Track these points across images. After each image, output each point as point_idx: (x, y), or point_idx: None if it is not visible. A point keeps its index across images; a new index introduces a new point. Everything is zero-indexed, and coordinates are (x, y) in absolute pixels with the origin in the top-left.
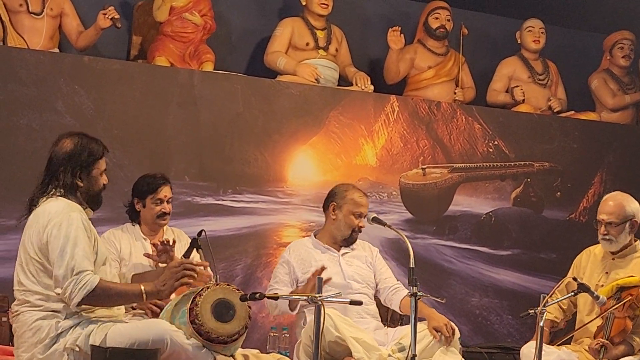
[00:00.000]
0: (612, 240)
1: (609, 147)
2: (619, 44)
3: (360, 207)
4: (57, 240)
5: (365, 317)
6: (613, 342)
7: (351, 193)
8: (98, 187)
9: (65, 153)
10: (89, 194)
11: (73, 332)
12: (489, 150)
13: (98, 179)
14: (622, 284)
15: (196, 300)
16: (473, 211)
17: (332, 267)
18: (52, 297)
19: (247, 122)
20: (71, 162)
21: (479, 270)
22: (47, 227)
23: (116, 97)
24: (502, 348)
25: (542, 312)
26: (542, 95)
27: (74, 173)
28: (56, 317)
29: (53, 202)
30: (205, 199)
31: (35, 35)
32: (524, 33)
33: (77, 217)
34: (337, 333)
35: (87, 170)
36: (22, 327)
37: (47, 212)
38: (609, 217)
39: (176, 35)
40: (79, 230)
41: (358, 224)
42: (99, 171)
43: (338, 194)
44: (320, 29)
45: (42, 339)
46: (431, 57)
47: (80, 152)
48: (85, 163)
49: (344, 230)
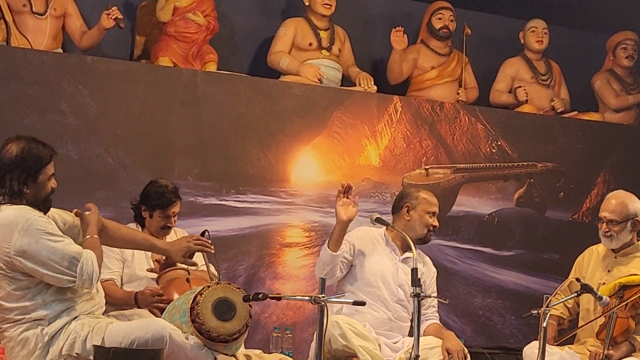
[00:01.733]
0: (612, 237)
1: (612, 148)
2: (622, 44)
3: (433, 206)
4: (35, 245)
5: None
6: (616, 342)
7: (423, 193)
8: (45, 193)
9: (11, 159)
10: (35, 200)
11: (64, 338)
12: (492, 151)
13: (46, 185)
14: (624, 282)
15: (197, 299)
16: (476, 211)
17: (388, 265)
18: (29, 307)
19: (250, 122)
20: (17, 169)
21: (482, 270)
22: (13, 239)
23: (119, 97)
24: (504, 349)
25: (545, 312)
26: (545, 96)
27: (20, 180)
28: (40, 324)
29: (3, 213)
30: (208, 199)
31: (38, 36)
32: (527, 33)
33: (36, 215)
34: (344, 342)
35: (33, 177)
36: (9, 342)
37: (2, 225)
38: (611, 215)
39: (179, 35)
40: (46, 224)
41: (432, 223)
42: (46, 176)
43: (410, 194)
44: (323, 29)
45: (32, 350)
46: (434, 57)
47: (26, 158)
48: (32, 169)
49: (420, 230)
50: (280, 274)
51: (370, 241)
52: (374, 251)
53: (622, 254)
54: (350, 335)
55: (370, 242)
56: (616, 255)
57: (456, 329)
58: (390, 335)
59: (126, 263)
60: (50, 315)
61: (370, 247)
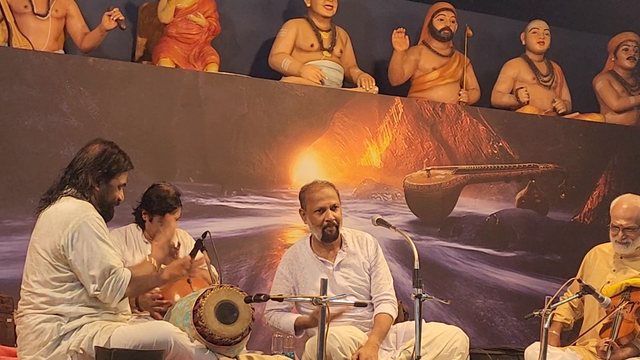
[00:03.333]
0: (629, 243)
1: (614, 149)
2: (624, 45)
3: (318, 202)
4: (81, 242)
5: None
6: (620, 344)
7: (308, 193)
8: (112, 199)
9: (92, 156)
10: (102, 203)
11: (76, 335)
12: (494, 152)
13: (114, 190)
14: (631, 284)
15: (200, 302)
16: (477, 213)
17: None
18: (57, 300)
19: (251, 124)
20: (95, 166)
21: (484, 272)
22: (66, 230)
23: (121, 99)
24: (506, 350)
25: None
26: (546, 97)
27: (94, 176)
28: (59, 320)
29: (65, 203)
30: (210, 200)
31: (40, 37)
32: (529, 34)
33: (95, 215)
34: (344, 356)
35: (107, 177)
36: (25, 329)
37: (61, 213)
38: (628, 223)
39: (181, 36)
40: (100, 227)
41: (324, 219)
42: (117, 182)
43: (301, 199)
44: (324, 30)
45: (45, 341)
46: (436, 58)
47: (106, 158)
48: (108, 170)
49: (316, 232)
50: None
51: (299, 266)
52: (306, 274)
53: (628, 255)
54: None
55: (299, 266)
56: (622, 256)
57: None
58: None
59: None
60: (72, 315)
61: (300, 272)
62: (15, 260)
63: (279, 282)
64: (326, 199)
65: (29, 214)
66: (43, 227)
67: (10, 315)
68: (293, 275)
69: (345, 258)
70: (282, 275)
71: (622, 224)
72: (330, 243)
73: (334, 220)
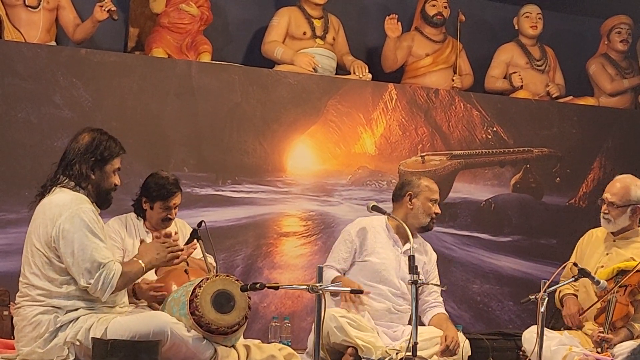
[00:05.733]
0: (610, 220)
1: (608, 132)
2: (617, 28)
3: (435, 194)
4: (72, 234)
5: (396, 324)
6: (615, 327)
7: (425, 181)
8: (109, 185)
9: (83, 145)
10: (98, 190)
11: (73, 327)
12: (488, 137)
13: (110, 176)
14: (622, 267)
15: (196, 291)
16: (473, 198)
17: (390, 259)
18: (54, 293)
19: (245, 112)
20: (87, 154)
21: (480, 257)
22: (58, 221)
23: (114, 90)
24: (503, 334)
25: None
26: (540, 81)
27: (88, 165)
28: (56, 312)
29: (60, 195)
30: (205, 190)
31: (32, 29)
32: (522, 19)
33: (89, 208)
34: (343, 337)
35: (101, 164)
36: (22, 321)
37: (55, 205)
38: (612, 198)
39: (173, 26)
40: (93, 221)
41: (435, 210)
42: (112, 168)
43: (412, 182)
44: (317, 18)
45: (42, 333)
46: (429, 44)
47: (97, 145)
48: (101, 157)
49: (423, 218)
50: (278, 264)
51: (372, 234)
52: (376, 245)
53: (621, 237)
54: (348, 328)
55: (372, 235)
56: (615, 239)
57: (455, 316)
58: (390, 325)
59: (126, 252)
60: (69, 308)
61: (371, 241)
62: (10, 253)
63: (342, 241)
64: (438, 194)
65: (24, 206)
66: (38, 218)
67: (6, 308)
68: (360, 238)
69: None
70: (348, 234)
71: (607, 197)
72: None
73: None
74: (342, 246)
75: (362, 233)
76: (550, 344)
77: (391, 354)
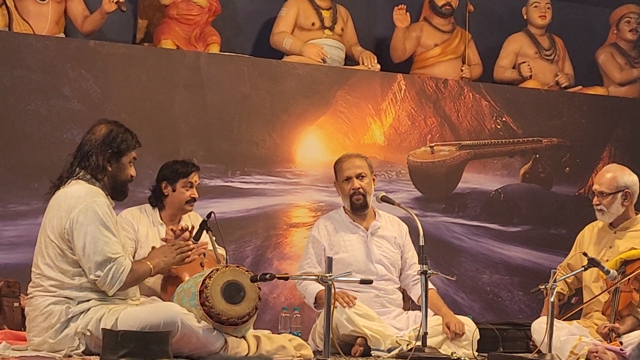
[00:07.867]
0: (603, 210)
1: (617, 122)
2: (626, 17)
3: (345, 172)
4: (85, 226)
5: (389, 307)
6: (621, 316)
7: (338, 163)
8: (125, 176)
9: (99, 137)
10: (115, 182)
11: (84, 317)
12: (497, 127)
13: (127, 168)
14: (625, 258)
15: (206, 282)
16: (482, 188)
17: (360, 248)
18: (66, 284)
19: (254, 104)
20: (104, 146)
21: (489, 247)
22: (72, 214)
23: (123, 81)
24: (513, 324)
25: (552, 287)
26: (549, 71)
27: (105, 156)
28: (68, 303)
29: (75, 186)
30: (214, 181)
31: (40, 21)
32: (530, 8)
33: (103, 202)
34: (352, 327)
35: (117, 156)
36: (34, 311)
37: (70, 197)
38: (600, 187)
39: (182, 17)
40: (106, 214)
41: (350, 188)
42: (128, 159)
43: (334, 170)
44: (325, 8)
45: (53, 324)
46: (437, 34)
47: (114, 138)
48: (117, 149)
49: (346, 202)
50: (288, 255)
51: (334, 230)
52: (341, 237)
53: (620, 228)
54: (356, 318)
55: (334, 230)
56: (615, 231)
57: (464, 306)
58: (385, 311)
59: (139, 243)
60: (81, 299)
61: (336, 237)
62: (21, 245)
63: (311, 245)
64: (352, 168)
65: (34, 198)
66: (52, 209)
67: (17, 299)
68: (325, 238)
69: (379, 229)
70: (313, 238)
71: (596, 188)
72: (363, 212)
73: (360, 189)
74: (311, 250)
75: (324, 232)
76: (559, 334)
77: (402, 344)
